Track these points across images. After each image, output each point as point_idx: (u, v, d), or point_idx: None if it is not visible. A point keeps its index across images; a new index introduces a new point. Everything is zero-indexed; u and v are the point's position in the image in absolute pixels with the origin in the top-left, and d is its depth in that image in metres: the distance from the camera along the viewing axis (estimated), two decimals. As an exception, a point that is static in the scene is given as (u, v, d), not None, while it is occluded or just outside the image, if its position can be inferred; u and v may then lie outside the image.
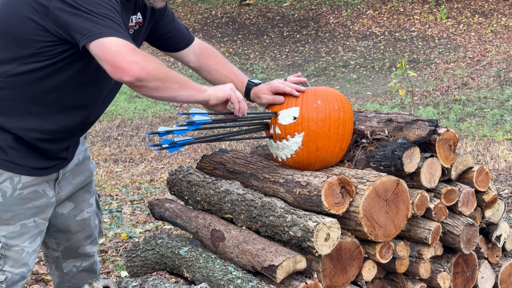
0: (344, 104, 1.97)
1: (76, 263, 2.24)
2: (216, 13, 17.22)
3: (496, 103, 8.26)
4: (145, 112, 8.75)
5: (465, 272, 2.13)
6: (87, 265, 2.26)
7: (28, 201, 1.87)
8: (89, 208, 2.19)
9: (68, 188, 2.05)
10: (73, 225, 2.15)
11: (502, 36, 13.03)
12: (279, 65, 13.31)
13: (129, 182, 5.13)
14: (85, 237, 2.20)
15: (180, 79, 1.75)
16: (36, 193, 1.89)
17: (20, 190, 1.84)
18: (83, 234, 2.19)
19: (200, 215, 2.10)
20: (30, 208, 1.88)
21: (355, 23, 15.46)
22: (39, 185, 1.90)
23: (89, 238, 2.22)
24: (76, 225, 2.16)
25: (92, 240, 2.24)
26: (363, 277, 1.90)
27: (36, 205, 1.90)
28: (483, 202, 2.13)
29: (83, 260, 2.25)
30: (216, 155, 2.29)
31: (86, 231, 2.20)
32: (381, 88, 10.54)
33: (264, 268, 1.73)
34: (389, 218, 1.84)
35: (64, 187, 2.03)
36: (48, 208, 1.96)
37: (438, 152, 1.99)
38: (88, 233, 2.21)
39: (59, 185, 1.99)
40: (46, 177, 1.92)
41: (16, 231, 1.87)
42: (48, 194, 1.94)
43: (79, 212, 2.15)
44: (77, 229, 2.17)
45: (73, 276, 2.25)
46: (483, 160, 5.34)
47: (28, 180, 1.85)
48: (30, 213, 1.89)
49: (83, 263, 2.25)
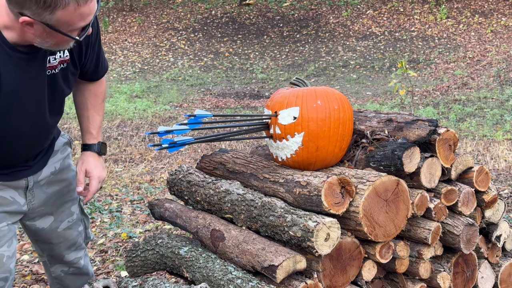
0: (344, 104, 1.97)
1: (64, 268, 2.23)
2: (216, 13, 17.22)
3: (496, 103, 8.27)
4: (145, 112, 8.75)
5: (465, 272, 2.13)
6: (74, 270, 2.25)
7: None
8: (70, 217, 2.15)
9: (42, 197, 2.02)
10: (54, 237, 2.12)
11: (502, 36, 13.04)
12: (279, 65, 13.32)
13: (129, 182, 5.13)
14: (67, 246, 2.18)
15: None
16: (3, 199, 1.88)
17: None
18: (65, 244, 2.16)
19: (200, 215, 2.10)
20: (0, 212, 1.86)
21: (355, 23, 15.46)
22: (5, 191, 1.88)
23: (72, 246, 2.19)
24: (58, 237, 2.13)
25: (76, 247, 2.21)
26: (363, 277, 1.90)
27: (7, 210, 1.89)
28: (483, 202, 2.13)
29: (70, 266, 2.23)
30: (216, 155, 2.29)
31: (68, 240, 2.17)
32: (381, 88, 10.54)
33: (264, 268, 1.73)
34: (389, 218, 1.84)
35: (37, 195, 1.99)
36: (19, 214, 1.95)
37: (438, 152, 1.99)
38: (70, 243, 2.18)
39: (31, 193, 1.96)
40: (11, 183, 1.90)
41: None
42: (18, 202, 1.92)
43: (59, 223, 2.12)
44: (59, 240, 2.14)
45: (61, 279, 2.25)
46: (483, 160, 5.34)
47: None
48: (1, 217, 1.87)
49: (70, 268, 2.24)
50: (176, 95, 10.62)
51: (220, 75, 12.91)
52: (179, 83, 12.16)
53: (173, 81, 12.48)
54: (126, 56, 14.39)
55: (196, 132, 6.83)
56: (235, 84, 11.99)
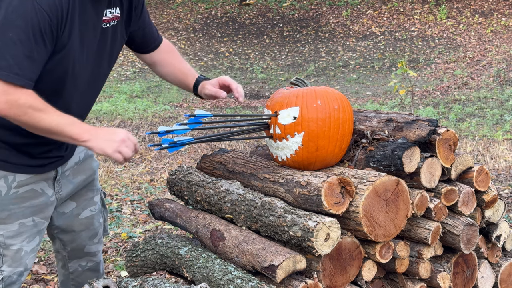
0: (344, 104, 1.97)
1: (82, 263, 2.24)
2: (216, 13, 17.22)
3: (496, 103, 8.27)
4: (145, 112, 8.75)
5: (465, 272, 2.13)
6: (92, 265, 2.26)
7: (25, 200, 1.87)
8: (92, 206, 2.18)
9: (69, 187, 2.04)
10: (76, 224, 2.14)
11: (502, 36, 13.03)
12: (279, 65, 13.31)
13: (129, 182, 5.13)
14: (89, 236, 2.20)
15: (53, 124, 1.67)
16: (33, 191, 1.88)
17: (16, 189, 1.84)
18: (87, 233, 2.18)
19: (200, 215, 2.10)
20: (28, 207, 1.87)
21: (355, 23, 15.46)
22: (36, 184, 1.89)
23: (94, 237, 2.22)
24: (80, 224, 2.15)
25: (98, 239, 2.24)
26: (363, 277, 1.90)
27: (34, 203, 1.89)
28: (483, 202, 2.13)
29: (88, 260, 2.24)
30: (216, 155, 2.29)
31: (90, 229, 2.19)
32: (381, 88, 10.54)
33: (264, 268, 1.73)
34: (389, 218, 1.84)
35: (64, 185, 2.02)
36: (48, 207, 1.95)
37: (438, 152, 1.99)
38: (92, 232, 2.20)
39: (58, 183, 1.98)
40: (43, 175, 1.91)
41: (14, 230, 1.86)
42: (47, 193, 1.94)
43: (81, 210, 2.14)
44: (81, 228, 2.16)
45: (78, 275, 2.25)
46: (483, 160, 5.34)
47: (23, 178, 1.85)
48: (28, 212, 1.88)
49: (88, 263, 2.25)
50: (176, 95, 10.61)
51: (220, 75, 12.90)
52: (179, 83, 12.13)
53: (173, 81, 12.46)
54: (126, 56, 14.38)
55: (196, 132, 6.83)
56: (235, 84, 11.97)
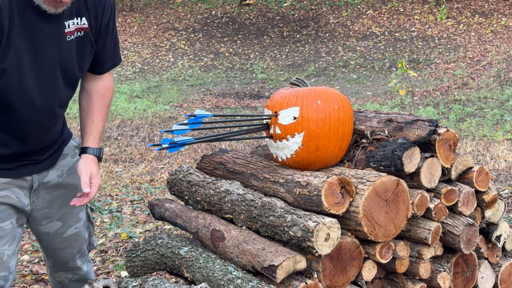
0: (344, 104, 1.97)
1: (68, 275, 2.22)
2: (216, 13, 17.22)
3: (496, 103, 8.27)
4: (145, 112, 8.75)
5: (465, 272, 2.13)
6: (79, 277, 2.24)
7: (1, 204, 1.84)
8: (77, 223, 2.13)
9: (46, 198, 1.99)
10: (59, 242, 2.10)
11: (502, 36, 13.04)
12: (279, 65, 13.32)
13: (129, 182, 5.13)
14: (73, 253, 2.16)
15: None
16: (8, 198, 1.86)
17: None
18: (71, 250, 2.15)
19: (200, 215, 2.10)
20: (4, 210, 1.85)
21: (355, 23, 15.46)
22: (10, 190, 1.87)
23: (77, 253, 2.18)
24: (62, 242, 2.11)
25: (81, 254, 2.20)
26: (363, 277, 1.90)
27: (12, 203, 1.87)
28: (483, 202, 2.13)
29: (74, 274, 2.22)
30: (216, 155, 2.29)
31: (74, 246, 2.15)
32: (381, 88, 10.55)
33: (264, 268, 1.73)
34: (389, 218, 1.84)
35: (41, 196, 1.98)
36: (23, 213, 1.94)
37: (438, 152, 1.99)
38: (76, 249, 2.17)
39: (36, 194, 1.95)
40: (17, 181, 1.88)
41: None
42: (23, 202, 1.91)
43: (66, 229, 2.10)
44: (64, 245, 2.12)
45: (65, 285, 2.24)
46: (483, 160, 5.34)
47: None
48: (5, 215, 1.86)
49: (75, 275, 2.23)
50: (176, 95, 10.62)
51: (220, 75, 12.91)
52: (179, 83, 12.16)
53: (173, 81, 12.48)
54: (126, 56, 14.39)
55: (196, 132, 6.84)
56: (235, 84, 11.99)
